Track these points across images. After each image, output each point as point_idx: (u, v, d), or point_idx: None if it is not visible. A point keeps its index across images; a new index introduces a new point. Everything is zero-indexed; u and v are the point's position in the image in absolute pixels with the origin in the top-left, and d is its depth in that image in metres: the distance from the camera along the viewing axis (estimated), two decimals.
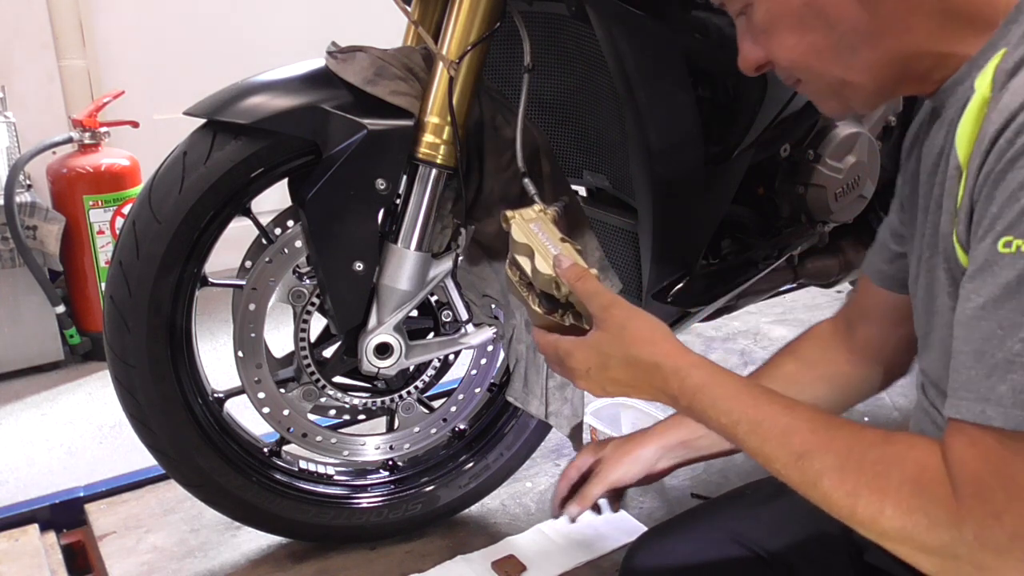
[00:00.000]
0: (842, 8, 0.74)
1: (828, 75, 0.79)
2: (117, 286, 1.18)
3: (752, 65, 0.84)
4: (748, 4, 0.81)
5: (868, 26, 0.74)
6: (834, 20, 0.75)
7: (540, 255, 0.94)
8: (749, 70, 0.85)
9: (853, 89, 0.79)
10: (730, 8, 0.84)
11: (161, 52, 2.85)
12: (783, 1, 0.77)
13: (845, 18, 0.75)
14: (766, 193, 1.48)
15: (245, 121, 1.14)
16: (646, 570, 0.97)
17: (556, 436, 1.54)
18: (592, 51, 1.28)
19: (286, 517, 1.37)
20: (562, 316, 0.94)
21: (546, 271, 0.93)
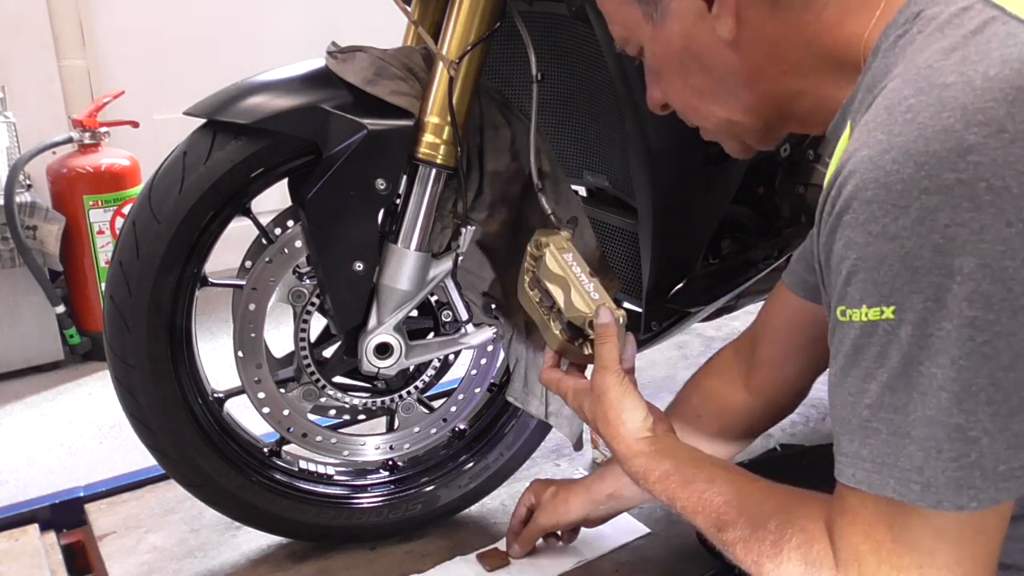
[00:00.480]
0: (715, 53, 0.78)
1: (714, 116, 0.84)
2: (117, 286, 1.18)
3: (656, 104, 0.90)
4: (641, 49, 0.86)
5: (741, 70, 0.78)
6: (709, 64, 0.79)
7: (576, 291, 1.03)
8: (656, 109, 0.91)
9: (742, 128, 0.83)
10: (629, 51, 0.88)
11: (161, 52, 2.86)
12: (667, 46, 0.81)
13: (719, 62, 0.78)
14: (766, 193, 1.48)
15: (245, 121, 1.14)
16: None
17: (556, 436, 1.54)
18: (592, 51, 1.28)
19: (286, 517, 1.37)
20: (580, 345, 1.04)
21: (583, 309, 1.01)
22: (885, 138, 0.61)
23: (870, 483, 0.64)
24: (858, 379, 0.63)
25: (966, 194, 0.57)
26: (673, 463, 0.90)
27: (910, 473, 0.61)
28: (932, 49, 0.63)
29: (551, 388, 1.08)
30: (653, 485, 0.91)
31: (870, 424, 0.63)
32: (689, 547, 1.43)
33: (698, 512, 0.84)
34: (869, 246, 0.61)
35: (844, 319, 0.64)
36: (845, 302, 0.64)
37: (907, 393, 0.61)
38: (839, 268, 0.64)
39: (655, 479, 0.90)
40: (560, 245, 1.09)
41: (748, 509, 0.79)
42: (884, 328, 0.61)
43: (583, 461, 1.72)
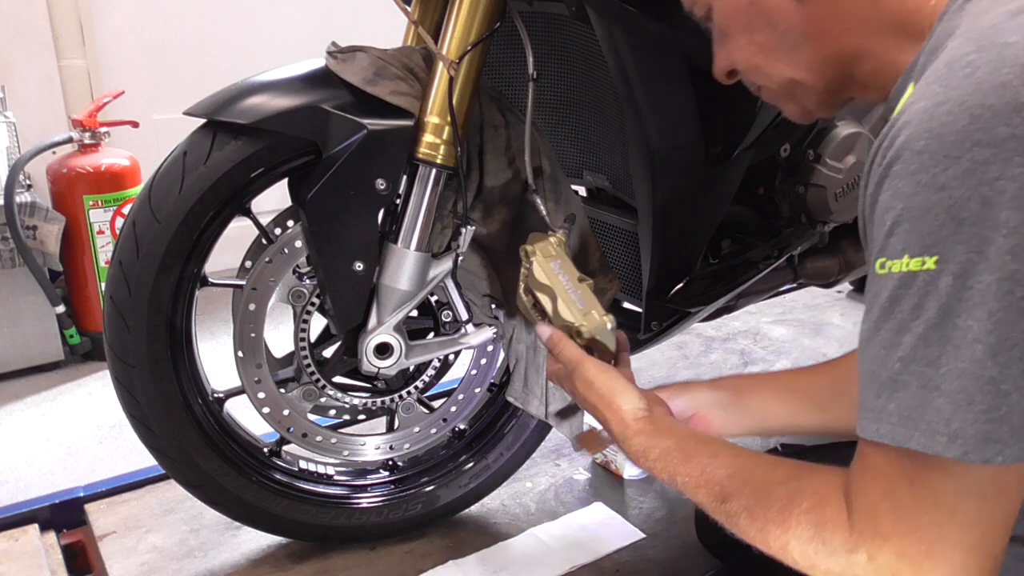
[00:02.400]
0: (781, 8, 0.79)
1: (777, 75, 0.83)
2: (117, 286, 1.18)
3: (722, 71, 0.90)
4: (710, 8, 0.86)
5: (806, 25, 0.78)
6: (775, 19, 0.79)
7: (563, 300, 1.04)
8: (721, 77, 0.91)
9: (804, 89, 0.83)
10: (697, 14, 0.88)
11: (161, 52, 2.86)
12: (732, 3, 0.82)
13: (784, 17, 0.79)
14: (766, 193, 1.48)
15: (245, 121, 1.14)
16: None
17: (556, 436, 1.54)
18: (592, 51, 1.28)
19: (286, 517, 1.37)
20: None
21: (569, 319, 1.03)
22: (942, 91, 0.62)
23: (894, 436, 0.63)
24: (891, 332, 0.63)
25: (1018, 149, 0.58)
26: (674, 440, 0.89)
27: (937, 425, 0.61)
28: (997, 12, 0.64)
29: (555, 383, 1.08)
30: (654, 463, 0.89)
31: (900, 377, 0.63)
32: (689, 548, 1.43)
33: (700, 487, 0.82)
34: (916, 196, 0.61)
35: (882, 271, 0.64)
36: (886, 253, 0.64)
37: (941, 346, 0.61)
38: (883, 219, 0.64)
39: (656, 456, 0.89)
40: (548, 252, 1.08)
41: (754, 479, 0.78)
42: (924, 279, 0.61)
43: (583, 461, 1.72)
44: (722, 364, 2.17)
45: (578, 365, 0.99)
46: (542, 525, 1.51)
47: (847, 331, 2.36)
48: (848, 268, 1.62)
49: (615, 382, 0.97)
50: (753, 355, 2.22)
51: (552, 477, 1.67)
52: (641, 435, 0.92)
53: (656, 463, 0.89)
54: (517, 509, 1.57)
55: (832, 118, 1.46)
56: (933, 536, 0.63)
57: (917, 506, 0.63)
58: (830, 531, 0.68)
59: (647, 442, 0.91)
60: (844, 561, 0.67)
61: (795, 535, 0.71)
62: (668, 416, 0.97)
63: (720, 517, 0.80)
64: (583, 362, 0.99)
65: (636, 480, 1.66)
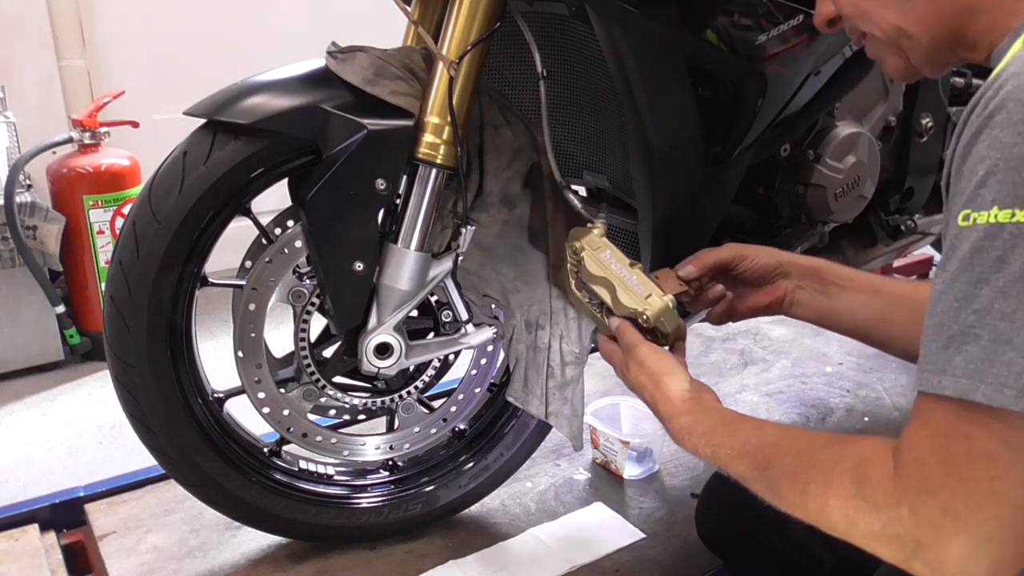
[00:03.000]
0: None
1: (885, 23, 0.80)
2: (117, 286, 1.18)
3: (824, 19, 0.88)
4: None
5: None
6: None
7: (621, 288, 1.06)
8: (822, 26, 0.89)
9: (910, 41, 0.80)
10: None
11: (161, 52, 2.86)
12: None
13: None
14: (766, 193, 1.48)
15: (245, 121, 1.14)
16: None
17: (556, 436, 1.54)
18: (592, 51, 1.28)
19: (286, 517, 1.37)
20: None
21: (631, 305, 1.05)
22: None
23: (957, 388, 0.62)
24: (969, 284, 0.62)
25: None
26: (720, 417, 0.90)
27: (1006, 378, 0.60)
28: None
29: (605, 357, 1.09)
30: (698, 439, 0.90)
31: (972, 330, 0.61)
32: (689, 547, 1.43)
33: (744, 456, 0.82)
34: (1016, 146, 0.60)
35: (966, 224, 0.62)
36: (973, 204, 0.62)
37: (1019, 300, 0.59)
38: (975, 169, 0.63)
39: (700, 432, 0.90)
40: (595, 244, 1.11)
41: (797, 444, 0.77)
42: (1011, 231, 0.60)
43: (583, 461, 1.72)
44: (722, 364, 2.17)
45: (634, 348, 1.01)
46: (542, 525, 1.51)
47: None
48: None
49: (665, 363, 0.99)
50: (753, 355, 2.22)
51: (552, 477, 1.67)
52: (687, 414, 0.93)
53: (700, 439, 0.90)
54: (517, 509, 1.57)
55: (832, 118, 1.46)
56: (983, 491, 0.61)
57: (971, 461, 0.62)
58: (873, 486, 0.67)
59: (693, 420, 0.92)
60: (885, 516, 0.66)
61: (836, 492, 0.69)
62: (714, 399, 0.98)
63: (761, 485, 0.80)
64: (639, 345, 1.01)
65: (636, 480, 1.66)
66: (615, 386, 2.04)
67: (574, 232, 1.14)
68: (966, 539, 0.61)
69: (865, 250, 1.65)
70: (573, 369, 1.35)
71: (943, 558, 0.62)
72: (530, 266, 1.31)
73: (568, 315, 1.34)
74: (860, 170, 1.47)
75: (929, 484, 0.63)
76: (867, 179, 1.49)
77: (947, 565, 0.62)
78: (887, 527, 0.65)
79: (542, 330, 1.34)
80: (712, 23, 1.21)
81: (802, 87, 1.31)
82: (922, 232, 1.62)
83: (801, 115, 1.37)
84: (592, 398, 1.77)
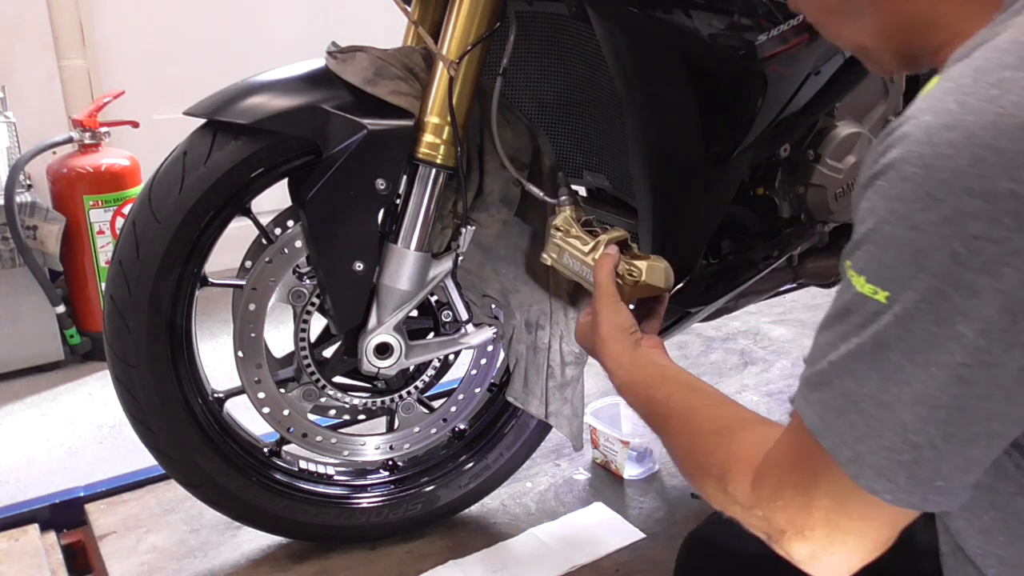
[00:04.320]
0: None
1: (844, 38, 0.79)
2: (117, 286, 1.18)
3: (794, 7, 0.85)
4: None
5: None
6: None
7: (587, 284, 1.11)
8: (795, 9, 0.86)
9: (870, 54, 0.78)
10: None
11: (161, 52, 2.85)
12: None
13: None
14: (766, 193, 1.48)
15: (245, 121, 1.14)
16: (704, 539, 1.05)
17: (556, 436, 1.54)
18: (592, 51, 1.28)
19: (286, 517, 1.37)
20: None
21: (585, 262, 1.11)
22: (955, 110, 0.55)
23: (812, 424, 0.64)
24: (836, 335, 0.62)
25: (1013, 210, 0.51)
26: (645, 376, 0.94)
27: (847, 438, 0.61)
28: None
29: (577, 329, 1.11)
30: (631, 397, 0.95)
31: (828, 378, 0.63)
32: None
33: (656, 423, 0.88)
34: (887, 224, 0.57)
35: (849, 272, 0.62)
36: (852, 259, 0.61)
37: (869, 370, 0.59)
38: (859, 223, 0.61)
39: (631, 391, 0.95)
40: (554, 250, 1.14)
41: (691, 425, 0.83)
42: (872, 307, 0.59)
43: (583, 461, 1.72)
44: (722, 364, 2.17)
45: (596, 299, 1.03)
46: (542, 525, 1.51)
47: None
48: None
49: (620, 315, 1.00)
50: (753, 355, 2.22)
51: (552, 477, 1.67)
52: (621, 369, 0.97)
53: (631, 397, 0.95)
54: (517, 509, 1.57)
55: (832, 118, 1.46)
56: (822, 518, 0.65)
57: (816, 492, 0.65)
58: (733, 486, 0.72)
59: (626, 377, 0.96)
60: (744, 513, 0.71)
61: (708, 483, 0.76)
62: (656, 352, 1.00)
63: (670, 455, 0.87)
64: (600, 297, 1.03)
65: (636, 480, 1.66)
66: None
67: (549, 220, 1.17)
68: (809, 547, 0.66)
69: None
70: (573, 369, 1.35)
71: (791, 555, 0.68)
72: (530, 266, 1.32)
73: (568, 315, 1.34)
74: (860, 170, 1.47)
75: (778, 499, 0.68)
76: None
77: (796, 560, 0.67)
78: (747, 520, 0.72)
79: (542, 330, 1.34)
80: (712, 23, 1.21)
81: (802, 87, 1.31)
82: None
83: (801, 115, 1.37)
84: (592, 398, 1.77)
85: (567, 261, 1.13)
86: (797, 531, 0.66)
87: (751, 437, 0.75)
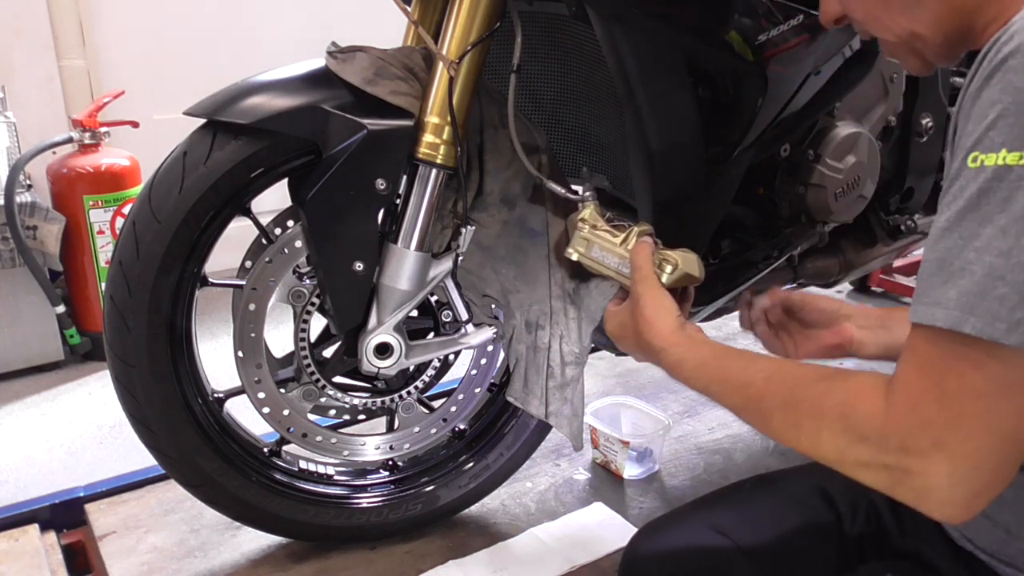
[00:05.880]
0: None
1: (898, 27, 0.81)
2: (117, 286, 1.18)
3: (831, 18, 0.88)
4: None
5: None
6: None
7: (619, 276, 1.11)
8: (828, 23, 0.89)
9: (923, 42, 0.81)
10: None
11: (161, 52, 2.85)
12: None
13: None
14: (766, 193, 1.48)
15: (245, 121, 1.14)
16: (646, 557, 1.03)
17: (556, 436, 1.54)
18: (592, 51, 1.28)
19: (286, 517, 1.37)
20: None
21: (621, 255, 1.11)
22: None
23: (949, 319, 0.64)
24: (975, 223, 0.64)
25: None
26: (711, 350, 0.91)
27: (998, 311, 0.62)
28: None
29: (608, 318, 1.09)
30: (690, 372, 0.91)
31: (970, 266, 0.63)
32: None
33: (737, 391, 0.84)
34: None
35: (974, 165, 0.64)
36: (981, 146, 0.64)
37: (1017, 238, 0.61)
38: (985, 112, 0.64)
39: (692, 366, 0.91)
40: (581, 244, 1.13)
41: (789, 379, 0.79)
42: (1018, 173, 0.61)
43: (583, 461, 1.72)
44: None
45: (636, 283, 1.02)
46: (542, 525, 1.51)
47: None
48: (848, 268, 1.62)
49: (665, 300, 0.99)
50: None
51: (552, 477, 1.67)
52: (678, 346, 0.94)
53: (692, 372, 0.91)
54: (517, 509, 1.57)
55: (832, 118, 1.46)
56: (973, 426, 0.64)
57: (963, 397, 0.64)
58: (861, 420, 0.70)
59: (683, 353, 0.93)
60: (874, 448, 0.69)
61: (827, 427, 0.72)
62: (701, 332, 0.99)
63: (753, 417, 0.82)
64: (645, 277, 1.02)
65: (636, 480, 1.66)
66: (615, 386, 2.04)
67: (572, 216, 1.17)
68: (954, 469, 0.65)
69: (865, 250, 1.65)
70: (573, 369, 1.35)
71: (929, 485, 0.66)
72: (530, 266, 1.31)
73: (568, 315, 1.34)
74: (860, 170, 1.47)
75: (922, 419, 0.66)
76: (867, 179, 1.49)
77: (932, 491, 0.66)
78: (876, 457, 0.69)
79: (542, 330, 1.34)
80: (712, 23, 1.21)
81: (802, 87, 1.31)
82: (922, 232, 1.62)
83: (801, 115, 1.37)
84: (592, 398, 1.77)
85: (597, 254, 1.12)
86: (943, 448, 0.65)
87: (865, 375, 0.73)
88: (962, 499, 0.65)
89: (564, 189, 1.21)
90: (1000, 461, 0.65)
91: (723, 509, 1.08)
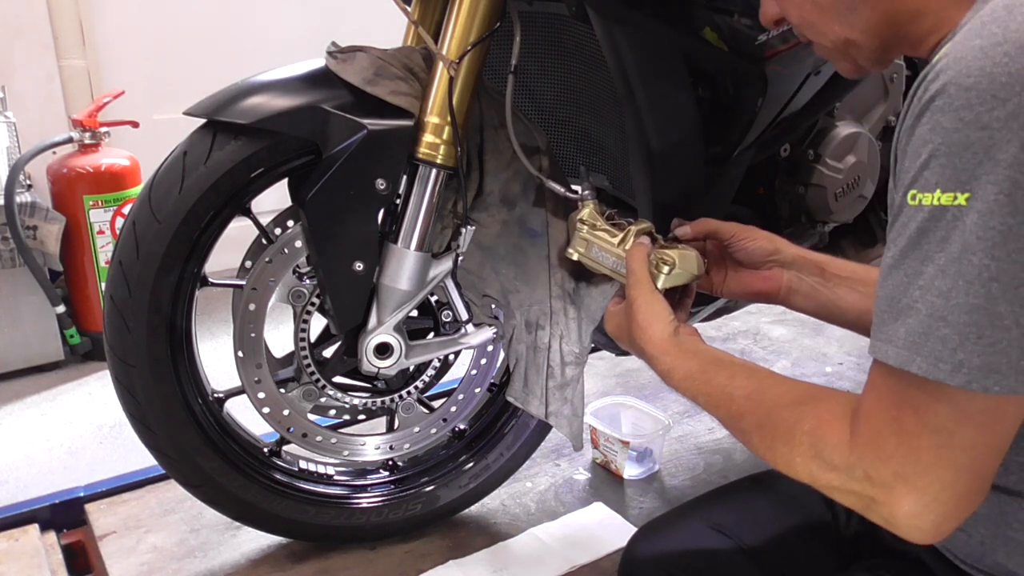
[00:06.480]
0: None
1: (831, 33, 0.83)
2: (117, 286, 1.18)
3: (769, 19, 0.89)
4: None
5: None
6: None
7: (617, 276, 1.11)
8: (768, 23, 0.90)
9: (857, 48, 0.82)
10: None
11: (161, 52, 2.85)
12: None
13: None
14: (766, 193, 1.48)
15: (245, 121, 1.14)
16: (645, 558, 1.04)
17: (556, 436, 1.54)
18: (592, 51, 1.28)
19: (286, 517, 1.37)
20: None
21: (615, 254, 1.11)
22: (1000, 32, 0.63)
23: (898, 358, 0.66)
24: (917, 261, 0.65)
25: None
26: (697, 362, 0.92)
27: (940, 353, 0.63)
28: None
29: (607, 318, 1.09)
30: (679, 383, 0.93)
31: (916, 304, 0.65)
32: None
33: (719, 406, 0.86)
34: (957, 132, 0.63)
35: (913, 203, 0.66)
36: (918, 185, 0.65)
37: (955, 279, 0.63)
38: (919, 151, 0.66)
39: (680, 377, 0.92)
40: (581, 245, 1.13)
41: (766, 400, 0.81)
42: (953, 213, 0.63)
43: (583, 461, 1.72)
44: None
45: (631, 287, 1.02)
46: (542, 525, 1.51)
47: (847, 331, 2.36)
48: None
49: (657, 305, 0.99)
50: (753, 355, 2.21)
51: (552, 477, 1.67)
52: (668, 355, 0.95)
53: (681, 383, 0.93)
54: (517, 509, 1.57)
55: (832, 118, 1.46)
56: (930, 457, 0.66)
57: (920, 431, 0.66)
58: (829, 449, 0.72)
59: (672, 363, 0.94)
60: (842, 476, 0.71)
61: (798, 452, 0.75)
62: (694, 337, 0.99)
63: (735, 433, 0.85)
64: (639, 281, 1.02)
65: (636, 480, 1.66)
66: (615, 386, 2.04)
67: (572, 215, 1.17)
68: (916, 499, 0.67)
69: (865, 250, 1.65)
70: (573, 369, 1.35)
71: (895, 513, 0.68)
72: (530, 266, 1.31)
73: (568, 315, 1.34)
74: (860, 170, 1.47)
75: (882, 452, 0.68)
76: (867, 179, 1.49)
77: (899, 519, 0.68)
78: (845, 484, 0.71)
79: (542, 330, 1.34)
80: (712, 23, 1.21)
81: (802, 87, 1.31)
82: None
83: (801, 115, 1.37)
84: (592, 398, 1.77)
85: (596, 254, 1.13)
86: (904, 480, 0.67)
87: (836, 401, 0.75)
88: (930, 526, 0.67)
89: (564, 189, 1.21)
90: (960, 492, 0.66)
91: (722, 508, 1.08)
